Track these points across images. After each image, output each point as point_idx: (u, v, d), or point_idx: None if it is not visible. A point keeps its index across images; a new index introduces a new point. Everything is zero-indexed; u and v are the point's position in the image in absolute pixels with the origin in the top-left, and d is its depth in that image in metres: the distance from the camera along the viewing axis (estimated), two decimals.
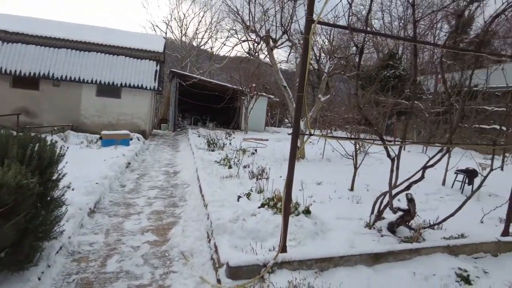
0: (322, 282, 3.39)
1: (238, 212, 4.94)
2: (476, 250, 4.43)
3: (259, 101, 22.33)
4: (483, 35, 4.49)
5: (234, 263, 3.43)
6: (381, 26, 31.15)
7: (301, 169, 9.58)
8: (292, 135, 3.47)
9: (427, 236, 4.73)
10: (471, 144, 5.51)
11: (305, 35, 3.35)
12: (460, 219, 5.09)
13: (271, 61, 11.82)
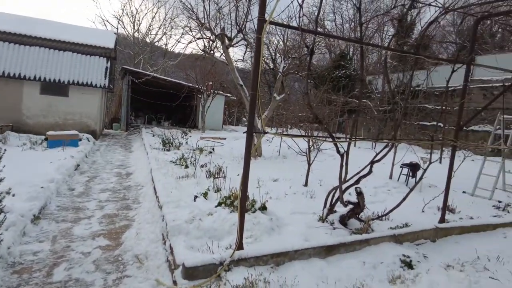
0: (278, 277, 3.48)
1: (194, 212, 4.89)
2: (418, 237, 4.80)
3: (216, 99, 22.18)
4: (420, 39, 4.87)
5: (190, 263, 3.40)
6: (333, 27, 32.40)
7: (258, 166, 9.70)
8: (247, 133, 3.51)
9: (375, 227, 5.03)
10: (413, 140, 5.98)
11: (257, 34, 3.40)
12: (405, 210, 5.48)
13: (227, 59, 11.80)
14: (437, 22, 4.72)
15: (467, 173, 8.16)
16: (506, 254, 4.54)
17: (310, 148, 8.06)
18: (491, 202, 7.26)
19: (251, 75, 3.48)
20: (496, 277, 3.85)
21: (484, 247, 4.77)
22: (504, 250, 4.71)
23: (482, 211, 6.52)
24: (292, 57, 12.46)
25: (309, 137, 6.14)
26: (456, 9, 4.91)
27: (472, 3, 5.57)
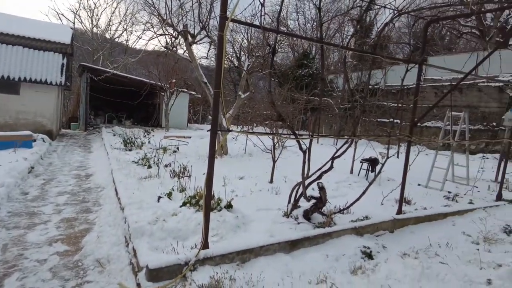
0: (244, 274, 3.51)
1: (158, 213, 4.79)
2: (377, 228, 5.04)
3: (180, 97, 21.78)
4: (376, 39, 5.10)
5: (154, 265, 3.33)
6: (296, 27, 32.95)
7: (224, 165, 9.69)
8: (211, 132, 3.50)
9: (337, 220, 5.21)
10: (372, 136, 6.27)
11: (219, 32, 3.39)
12: (365, 203, 5.72)
13: (190, 56, 11.62)
14: (392, 24, 4.97)
15: (422, 167, 8.68)
16: (454, 240, 4.90)
17: (275, 146, 8.18)
18: (442, 193, 7.77)
19: (215, 72, 3.46)
20: (445, 262, 4.14)
21: (436, 235, 5.11)
22: (453, 236, 5.07)
23: (434, 202, 6.96)
24: (256, 55, 12.53)
25: (273, 135, 6.23)
26: (408, 12, 5.20)
27: (423, 7, 5.92)
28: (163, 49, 13.10)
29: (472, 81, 16.12)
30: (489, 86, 15.62)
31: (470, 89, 16.37)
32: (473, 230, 5.32)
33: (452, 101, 17.01)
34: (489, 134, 15.28)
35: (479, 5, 4.97)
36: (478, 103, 16.09)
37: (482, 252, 4.51)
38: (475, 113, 16.06)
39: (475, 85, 16.09)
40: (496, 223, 5.77)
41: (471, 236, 5.12)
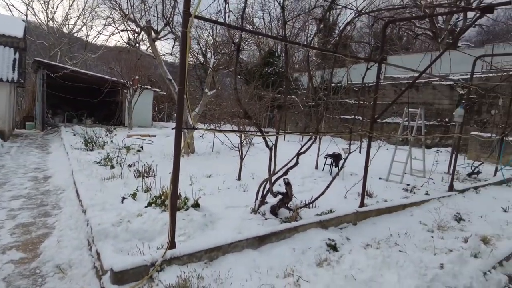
0: (212, 271, 3.51)
1: (122, 214, 4.66)
2: (341, 221, 5.23)
3: (144, 94, 21.17)
4: (338, 38, 5.28)
5: (119, 267, 3.25)
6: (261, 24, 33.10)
7: (191, 163, 9.57)
8: (176, 130, 3.45)
9: (303, 215, 5.34)
10: (335, 132, 6.50)
11: (183, 28, 3.35)
12: (329, 197, 5.93)
13: (154, 53, 11.33)
14: (353, 24, 5.16)
15: (382, 161, 9.09)
16: (412, 229, 5.21)
17: (242, 143, 8.21)
18: (401, 186, 8.20)
19: (179, 69, 3.42)
20: (404, 250, 4.39)
21: (395, 225, 5.40)
22: (411, 226, 5.39)
23: (394, 194, 7.33)
24: (222, 52, 12.46)
25: (240, 132, 6.25)
26: (368, 13, 5.41)
27: (382, 8, 6.19)
28: (126, 45, 12.68)
29: (427, 80, 17.09)
30: (442, 84, 16.64)
31: (425, 87, 17.35)
32: (429, 219, 5.68)
33: (410, 98, 17.92)
34: (443, 129, 16.31)
35: (431, 9, 5.28)
36: (432, 100, 17.10)
37: (436, 239, 4.83)
38: (430, 110, 17.05)
39: (430, 83, 17.08)
40: (448, 211, 6.19)
41: (427, 225, 5.47)
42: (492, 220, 5.92)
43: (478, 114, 15.32)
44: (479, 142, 13.08)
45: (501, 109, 13.79)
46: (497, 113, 14.21)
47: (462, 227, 5.45)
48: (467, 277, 3.70)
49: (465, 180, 9.40)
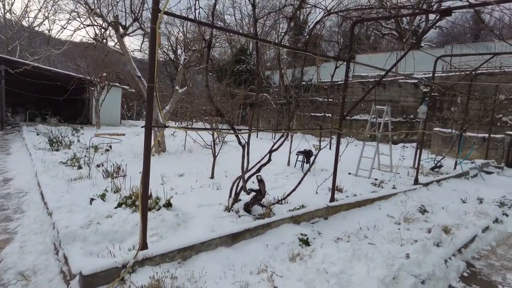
0: (185, 271, 3.48)
1: (91, 216, 4.50)
2: (313, 216, 5.35)
3: (112, 92, 20.50)
4: (308, 37, 5.37)
5: (88, 270, 3.15)
6: (232, 22, 32.98)
7: (163, 162, 9.41)
8: (145, 128, 3.38)
9: (276, 211, 5.41)
10: (306, 129, 6.65)
11: (152, 24, 3.28)
12: (301, 192, 6.03)
13: (122, 49, 10.99)
14: (322, 23, 5.27)
15: (351, 157, 9.38)
16: (380, 222, 5.42)
17: (215, 141, 8.16)
18: (370, 180, 8.50)
19: (148, 66, 3.35)
20: (373, 242, 4.57)
21: (365, 219, 5.60)
22: (379, 219, 5.61)
23: (363, 189, 7.59)
24: (192, 49, 12.30)
25: (212, 130, 6.22)
26: (337, 12, 5.54)
27: (350, 8, 6.35)
28: (92, 41, 12.21)
29: (393, 78, 17.77)
30: (407, 82, 17.37)
31: (392, 85, 18.04)
32: (396, 212, 5.94)
33: (377, 96, 18.59)
34: (408, 126, 17.05)
35: (396, 10, 5.50)
36: (398, 97, 17.81)
37: (403, 231, 5.06)
38: (396, 107, 17.76)
39: (396, 81, 17.77)
40: (414, 204, 6.50)
41: (394, 218, 5.71)
42: (452, 210, 6.28)
43: (440, 111, 16.14)
44: (441, 138, 13.80)
45: (459, 106, 14.61)
46: (456, 110, 15.05)
47: (426, 218, 5.74)
48: (430, 265, 3.91)
49: (428, 174, 9.89)
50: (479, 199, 7.08)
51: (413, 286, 3.50)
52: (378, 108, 9.57)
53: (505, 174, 11.55)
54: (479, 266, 4.44)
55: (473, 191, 8.11)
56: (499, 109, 13.77)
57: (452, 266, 4.12)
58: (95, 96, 19.29)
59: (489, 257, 4.75)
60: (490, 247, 5.10)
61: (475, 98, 14.22)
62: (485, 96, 13.40)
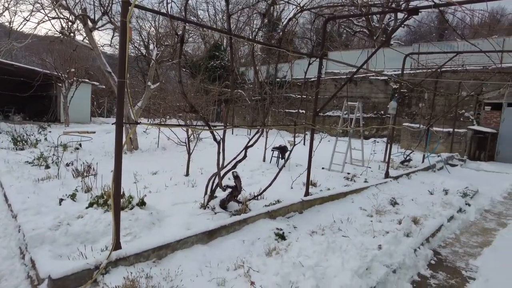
0: (161, 270, 3.44)
1: (60, 217, 4.33)
2: (288, 210, 5.42)
3: (81, 88, 19.73)
4: (282, 33, 5.41)
5: (58, 274, 3.03)
6: (206, 17, 32.58)
7: (136, 160, 9.19)
8: (116, 125, 3.28)
9: (252, 206, 5.43)
10: (280, 125, 6.71)
11: (122, 18, 3.18)
12: (277, 188, 6.09)
13: (91, 44, 10.59)
14: (295, 19, 5.31)
15: (325, 152, 9.56)
16: (353, 215, 5.58)
17: (189, 138, 8.06)
18: (342, 175, 8.70)
19: (118, 61, 3.25)
20: (347, 235, 4.70)
21: (338, 212, 5.74)
22: (352, 212, 5.77)
23: (336, 183, 7.76)
24: (165, 44, 12.05)
25: (186, 127, 6.14)
26: (309, 9, 5.61)
27: (322, 5, 6.46)
28: (58, 35, 11.67)
29: (365, 75, 18.25)
30: (378, 79, 17.89)
31: (363, 82, 18.53)
32: (368, 205, 6.12)
33: (349, 93, 19.03)
34: (379, 121, 17.58)
35: (367, 8, 5.64)
36: (369, 94, 18.32)
37: (375, 223, 5.23)
38: (368, 103, 18.26)
39: (367, 78, 18.26)
40: (385, 197, 6.74)
41: (366, 210, 5.89)
42: (421, 202, 6.57)
43: (409, 107, 16.77)
44: (410, 132, 14.36)
45: (427, 102, 15.25)
46: (424, 106, 15.70)
47: (397, 210, 5.97)
48: (401, 255, 4.08)
49: (398, 168, 10.27)
50: (444, 191, 7.44)
51: (385, 275, 3.64)
52: (350, 104, 9.81)
53: (468, 166, 12.21)
54: (445, 254, 4.68)
55: (439, 183, 8.50)
56: (462, 105, 14.48)
57: (421, 255, 4.32)
58: (63, 92, 18.50)
59: (454, 245, 5.02)
60: (454, 235, 5.38)
61: (440, 95, 14.88)
62: (449, 92, 14.06)
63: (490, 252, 4.78)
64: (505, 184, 9.30)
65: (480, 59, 13.10)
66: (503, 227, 5.92)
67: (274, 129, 15.45)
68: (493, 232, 5.63)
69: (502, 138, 14.03)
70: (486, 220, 6.27)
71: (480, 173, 11.11)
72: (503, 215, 6.66)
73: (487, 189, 8.53)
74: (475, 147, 13.89)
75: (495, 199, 7.78)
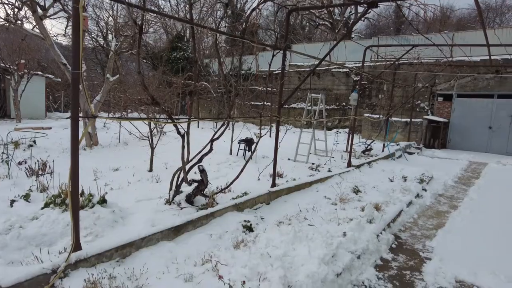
0: (125, 269, 3.31)
1: (12, 219, 4.03)
2: (255, 202, 5.44)
3: (34, 81, 18.43)
4: (245, 24, 5.35)
5: (9, 282, 2.81)
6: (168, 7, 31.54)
7: (95, 156, 8.78)
8: (71, 119, 3.09)
9: (220, 200, 5.39)
10: (246, 117, 6.69)
11: (74, 4, 2.97)
12: (244, 180, 6.09)
13: (43, 33, 9.86)
14: (259, 10, 5.27)
15: (290, 143, 9.70)
16: (318, 204, 5.71)
17: (152, 132, 7.81)
18: (307, 165, 8.88)
19: (72, 51, 3.04)
20: (312, 223, 4.80)
21: (304, 201, 5.85)
22: (317, 201, 5.90)
23: (302, 173, 7.91)
24: (124, 34, 11.52)
25: (148, 120, 5.93)
26: (273, 0, 5.59)
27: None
28: (3, 22, 10.76)
29: (327, 67, 18.65)
30: (339, 71, 18.36)
31: (325, 74, 18.92)
32: (332, 194, 6.29)
33: (312, 85, 19.39)
34: (341, 112, 18.10)
35: (328, 0, 5.73)
36: (332, 86, 18.76)
37: (339, 211, 5.40)
38: (330, 95, 18.71)
39: (329, 70, 18.67)
40: (348, 185, 6.96)
41: (331, 199, 6.06)
42: (382, 189, 6.86)
43: (369, 98, 17.40)
44: (370, 123, 14.93)
45: (386, 93, 15.91)
46: (383, 97, 16.37)
47: (360, 198, 6.19)
48: (365, 241, 4.24)
49: (360, 157, 10.65)
50: (403, 178, 7.83)
51: (350, 261, 3.77)
52: (313, 96, 9.99)
53: (424, 154, 12.94)
54: (404, 237, 4.93)
55: (398, 170, 8.94)
56: (418, 96, 15.27)
57: (383, 240, 4.52)
58: (13, 86, 17.17)
59: (412, 228, 5.31)
60: (413, 219, 5.69)
61: (398, 86, 15.58)
62: (406, 84, 14.76)
63: (444, 233, 5.11)
64: (456, 169, 9.98)
65: (433, 52, 13.85)
66: (454, 209, 6.35)
67: (240, 121, 15.41)
68: (446, 215, 6.01)
69: (453, 127, 15.01)
70: (440, 204, 6.69)
71: (435, 160, 11.82)
72: (454, 198, 7.14)
73: (441, 175, 9.09)
74: (430, 136, 14.74)
75: (447, 184, 8.32)
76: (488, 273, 3.85)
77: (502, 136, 14.04)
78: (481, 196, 7.31)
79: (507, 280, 3.72)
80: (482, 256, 4.35)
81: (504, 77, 13.84)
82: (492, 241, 4.86)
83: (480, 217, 5.90)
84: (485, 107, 14.39)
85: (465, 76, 14.51)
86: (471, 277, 3.81)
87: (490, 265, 4.03)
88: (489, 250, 4.53)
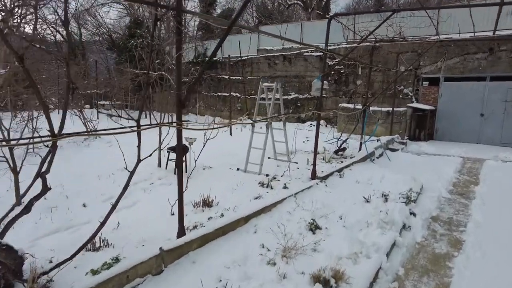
0: None
1: None
2: (130, 278, 3.21)
3: None
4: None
5: None
6: None
7: None
8: None
9: (63, 279, 3.16)
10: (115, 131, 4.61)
11: None
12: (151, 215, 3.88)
13: None
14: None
15: (255, 143, 7.47)
16: (249, 263, 3.41)
17: None
18: (259, 178, 6.65)
19: None
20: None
21: (226, 259, 3.69)
22: (248, 256, 3.64)
23: (247, 193, 5.78)
24: None
25: None
26: None
27: None
28: None
29: (299, 51, 16.38)
30: (312, 56, 16.12)
31: (298, 59, 16.64)
32: (275, 238, 4.08)
33: (283, 71, 17.12)
34: (315, 102, 15.91)
35: None
36: (305, 72, 16.51)
37: (276, 282, 3.24)
38: (303, 82, 16.50)
39: (301, 55, 16.40)
40: (304, 216, 4.79)
41: (270, 250, 3.87)
42: (352, 222, 4.67)
43: (346, 85, 15.26)
44: (347, 114, 12.81)
45: (361, 77, 13.82)
46: (362, 83, 14.27)
47: (316, 245, 3.99)
48: None
49: (331, 160, 8.54)
50: (384, 196, 5.69)
51: None
52: (266, 85, 7.69)
53: (409, 149, 10.96)
54: None
55: (378, 180, 6.87)
56: (401, 80, 13.24)
57: None
58: None
59: None
60: (397, 281, 3.58)
61: (378, 70, 13.49)
62: (387, 67, 12.65)
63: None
64: (449, 172, 7.99)
65: (417, 30, 11.81)
66: (457, 249, 4.31)
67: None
68: (447, 263, 3.96)
69: (440, 115, 13.08)
70: (436, 238, 4.64)
71: (422, 158, 9.82)
72: (453, 224, 5.11)
73: (432, 180, 7.10)
74: (415, 126, 12.78)
75: (441, 197, 6.31)
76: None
77: (495, 124, 12.19)
78: (488, 216, 5.32)
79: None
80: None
81: (498, 57, 11.91)
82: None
83: (498, 262, 3.87)
84: (476, 91, 12.46)
85: (453, 56, 12.54)
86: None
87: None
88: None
